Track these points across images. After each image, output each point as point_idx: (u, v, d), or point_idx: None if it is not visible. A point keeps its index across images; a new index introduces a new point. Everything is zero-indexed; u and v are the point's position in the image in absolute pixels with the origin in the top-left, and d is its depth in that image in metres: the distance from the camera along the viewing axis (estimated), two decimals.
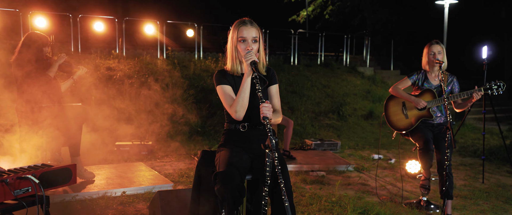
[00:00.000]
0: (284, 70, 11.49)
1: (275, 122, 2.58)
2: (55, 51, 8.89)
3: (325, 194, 4.46)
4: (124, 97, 7.85)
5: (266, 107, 2.23)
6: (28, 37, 4.38)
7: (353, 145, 7.66)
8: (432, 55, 4.03)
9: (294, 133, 8.21)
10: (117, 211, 3.78)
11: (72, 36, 10.44)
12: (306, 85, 10.88)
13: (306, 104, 9.87)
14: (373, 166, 6.05)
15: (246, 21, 2.52)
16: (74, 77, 4.76)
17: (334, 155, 6.51)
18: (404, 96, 4.09)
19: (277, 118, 2.58)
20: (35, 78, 4.27)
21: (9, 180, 1.75)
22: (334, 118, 9.58)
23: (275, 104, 2.64)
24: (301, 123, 8.78)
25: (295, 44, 13.56)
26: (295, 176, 5.26)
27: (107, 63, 9.17)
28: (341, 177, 5.38)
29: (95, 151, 6.02)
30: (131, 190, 4.25)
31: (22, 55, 4.30)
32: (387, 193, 4.72)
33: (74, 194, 4.04)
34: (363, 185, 5.02)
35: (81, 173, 4.47)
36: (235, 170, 2.31)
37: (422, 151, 3.89)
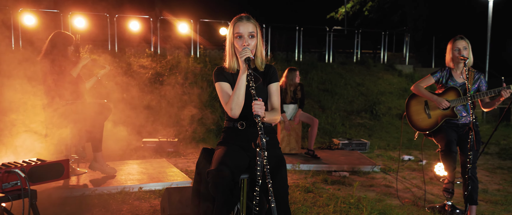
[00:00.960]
0: (317, 68, 11.31)
1: (271, 120, 2.51)
2: (92, 50, 9.24)
3: (344, 195, 4.33)
4: (154, 94, 8.01)
5: (258, 105, 2.17)
6: (54, 36, 4.53)
7: (383, 145, 7.41)
8: (456, 51, 3.79)
9: (323, 132, 8.07)
10: (132, 206, 3.84)
11: (109, 35, 10.80)
12: (339, 84, 10.67)
13: (338, 102, 9.67)
14: (402, 168, 5.83)
15: (242, 17, 2.48)
16: (98, 76, 4.88)
17: (361, 155, 6.32)
18: (426, 95, 3.89)
19: (274, 116, 2.51)
20: (59, 77, 4.41)
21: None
22: (366, 117, 9.32)
23: (273, 103, 2.57)
24: (331, 121, 8.61)
25: (330, 41, 13.32)
26: (316, 176, 5.15)
27: (140, 62, 9.41)
28: (365, 177, 5.21)
29: (122, 147, 6.18)
30: (148, 186, 4.32)
31: (48, 54, 4.46)
32: (411, 196, 4.52)
33: (94, 188, 4.16)
34: (386, 186, 4.83)
35: (103, 168, 4.59)
36: (226, 169, 2.27)
37: (443, 152, 3.68)
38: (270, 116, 2.46)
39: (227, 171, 2.26)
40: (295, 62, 12.10)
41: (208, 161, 2.59)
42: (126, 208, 3.78)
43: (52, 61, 4.43)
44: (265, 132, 2.56)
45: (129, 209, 3.77)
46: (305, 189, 4.50)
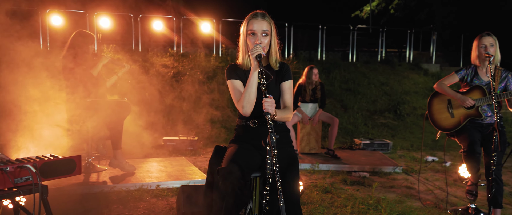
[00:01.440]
0: (340, 67, 11.16)
1: (283, 118, 2.46)
2: (116, 49, 9.40)
3: (363, 196, 4.24)
4: (175, 93, 8.07)
5: (268, 102, 2.14)
6: (76, 35, 4.62)
7: (407, 146, 7.24)
8: (483, 48, 3.65)
9: (345, 132, 7.96)
10: (149, 203, 3.87)
11: (133, 35, 10.97)
12: (362, 83, 10.50)
13: (361, 102, 9.51)
14: (425, 169, 5.68)
15: (257, 14, 2.44)
16: (118, 74, 4.95)
17: (383, 155, 6.19)
18: (450, 93, 3.76)
19: (286, 114, 2.46)
20: (80, 75, 4.50)
21: (9, 168, 1.83)
22: (390, 117, 9.13)
23: (286, 101, 2.53)
24: (353, 121, 8.48)
25: (354, 40, 13.13)
26: (336, 176, 5.06)
27: (162, 61, 9.51)
28: (386, 178, 5.09)
29: (144, 145, 6.25)
30: (166, 184, 4.34)
31: (70, 52, 4.55)
32: (433, 198, 4.38)
33: (112, 185, 4.22)
34: (408, 188, 4.71)
35: (122, 166, 4.65)
36: (236, 167, 2.24)
37: (466, 153, 3.55)
38: (282, 114, 2.42)
39: (236, 169, 2.23)
40: (318, 61, 11.99)
41: (220, 159, 2.58)
42: (143, 205, 3.82)
43: (73, 60, 4.51)
44: (278, 130, 2.55)
45: (146, 206, 3.80)
46: (323, 189, 4.43)
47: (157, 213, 3.64)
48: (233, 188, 2.20)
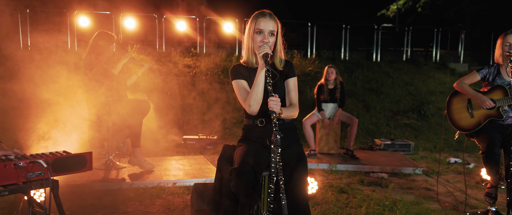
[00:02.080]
0: (363, 67, 11.02)
1: (289, 116, 2.46)
2: (140, 50, 9.59)
3: (379, 197, 4.19)
4: (197, 93, 8.17)
5: (273, 101, 2.15)
6: (97, 36, 4.75)
7: (430, 147, 7.09)
8: (507, 46, 3.53)
9: (367, 132, 7.87)
10: (165, 200, 3.95)
11: (157, 35, 11.17)
12: (386, 83, 10.34)
13: (384, 102, 9.37)
14: (447, 171, 5.55)
15: (265, 13, 2.46)
16: (138, 74, 5.06)
17: (403, 156, 6.08)
18: (470, 93, 3.66)
19: (292, 112, 2.46)
20: (102, 74, 4.62)
21: (22, 163, 1.91)
22: (413, 117, 8.95)
23: (291, 98, 2.53)
24: (375, 121, 8.36)
25: (378, 39, 12.94)
26: (353, 177, 5.02)
27: (185, 61, 9.64)
28: (405, 180, 5.01)
29: (164, 143, 6.37)
30: (183, 182, 4.41)
31: (91, 52, 4.68)
32: (453, 200, 4.28)
33: (131, 182, 4.31)
34: (426, 189, 4.62)
35: (141, 163, 4.74)
36: (248, 167, 2.26)
37: (485, 155, 3.45)
38: (288, 111, 2.42)
39: (249, 168, 2.25)
40: (341, 61, 11.88)
41: (229, 157, 2.60)
42: (159, 202, 3.89)
43: (94, 60, 4.64)
44: (285, 128, 2.55)
45: (162, 203, 3.87)
46: (339, 189, 4.40)
47: (172, 210, 3.71)
48: (247, 187, 2.22)
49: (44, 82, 5.02)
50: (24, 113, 4.68)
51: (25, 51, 9.18)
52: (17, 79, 5.10)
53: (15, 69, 5.47)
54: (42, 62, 5.21)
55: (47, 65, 5.20)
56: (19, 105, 5.04)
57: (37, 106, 4.72)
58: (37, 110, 4.69)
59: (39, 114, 4.61)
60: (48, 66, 5.18)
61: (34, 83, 5.01)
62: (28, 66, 5.16)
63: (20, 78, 5.01)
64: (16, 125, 4.74)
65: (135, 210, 3.65)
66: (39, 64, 5.19)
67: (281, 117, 2.31)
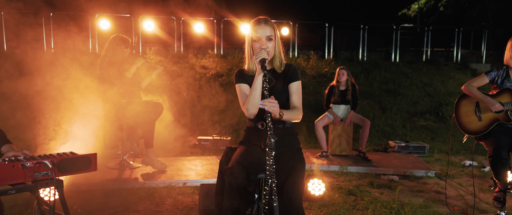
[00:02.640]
0: (380, 68, 10.93)
1: (292, 119, 2.49)
2: (158, 51, 9.78)
3: (387, 200, 4.18)
4: (212, 94, 8.29)
5: (271, 103, 2.21)
6: (112, 40, 4.90)
7: (446, 149, 6.99)
8: None
9: (382, 133, 7.82)
10: (175, 200, 4.05)
11: (176, 37, 11.36)
12: (403, 84, 10.22)
13: (401, 103, 9.27)
14: (461, 174, 5.48)
15: (260, 20, 2.52)
16: (152, 76, 5.19)
17: (417, 159, 6.03)
18: (478, 96, 3.63)
19: (295, 115, 2.49)
20: (116, 77, 4.77)
21: (29, 164, 2.03)
22: (431, 119, 8.83)
23: (294, 102, 2.58)
24: (391, 123, 8.30)
25: (397, 40, 12.80)
26: (363, 179, 5.02)
27: (202, 62, 9.78)
28: (416, 182, 4.98)
29: (179, 144, 6.50)
30: (192, 182, 4.51)
31: (107, 56, 4.84)
32: (463, 203, 4.24)
33: (143, 181, 4.44)
34: (437, 193, 4.58)
35: (154, 163, 4.87)
36: (241, 167, 2.33)
37: (492, 158, 3.41)
38: (289, 114, 2.45)
39: (241, 169, 2.32)
40: (358, 61, 11.81)
41: (230, 159, 2.68)
42: (169, 202, 4.00)
43: (110, 63, 4.80)
44: (285, 132, 2.61)
45: (171, 202, 3.98)
46: (348, 191, 4.42)
47: (181, 209, 3.81)
48: (238, 187, 2.29)
49: (64, 84, 5.21)
50: (43, 113, 4.87)
51: (49, 53, 9.51)
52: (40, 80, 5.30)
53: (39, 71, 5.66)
54: (64, 64, 5.41)
55: (69, 67, 5.40)
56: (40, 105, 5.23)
57: (56, 107, 4.90)
58: (56, 110, 4.87)
59: (57, 115, 4.79)
60: (70, 68, 5.37)
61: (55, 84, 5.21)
62: (51, 68, 5.36)
63: (42, 80, 5.21)
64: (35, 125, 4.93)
65: (145, 209, 3.77)
66: (61, 66, 5.38)
67: (282, 119, 2.36)
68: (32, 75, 5.40)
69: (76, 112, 5.02)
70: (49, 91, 5.06)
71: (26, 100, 5.66)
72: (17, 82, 5.52)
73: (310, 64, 10.51)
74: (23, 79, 5.40)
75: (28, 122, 5.38)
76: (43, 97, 5.02)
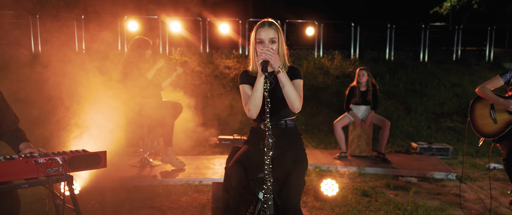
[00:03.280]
0: (406, 68, 10.74)
1: (288, 87, 2.41)
2: (183, 52, 9.98)
3: (402, 202, 4.15)
4: (234, 94, 8.40)
5: (269, 51, 2.30)
6: (134, 42, 5.06)
7: (471, 152, 6.81)
8: None
9: (406, 135, 7.71)
10: (190, 198, 4.17)
11: (201, 38, 11.55)
12: (431, 84, 10.00)
13: (427, 104, 9.08)
14: (484, 176, 5.34)
15: (264, 23, 2.57)
16: (172, 77, 5.34)
17: (439, 161, 5.92)
18: (492, 98, 3.55)
19: (295, 91, 2.43)
20: (137, 78, 4.93)
21: (41, 160, 2.18)
22: (458, 120, 8.61)
23: None
24: (415, 124, 8.15)
25: (426, 39, 12.51)
26: (380, 180, 4.98)
27: (226, 63, 9.91)
28: (435, 185, 4.90)
29: (200, 143, 6.64)
30: (209, 180, 4.62)
31: (129, 57, 5.01)
32: (481, 207, 4.15)
33: (161, 179, 4.59)
34: (456, 196, 4.49)
35: (173, 162, 5.01)
36: (240, 166, 2.40)
37: (506, 161, 3.34)
38: (289, 82, 2.39)
39: (240, 168, 2.39)
40: (385, 61, 11.64)
41: None
42: (184, 199, 4.12)
43: (131, 64, 4.96)
44: (289, 132, 2.66)
45: (187, 200, 4.10)
46: (363, 192, 4.41)
47: (195, 206, 3.92)
48: (236, 186, 2.36)
49: (92, 84, 5.45)
50: (69, 113, 5.10)
51: (80, 54, 9.90)
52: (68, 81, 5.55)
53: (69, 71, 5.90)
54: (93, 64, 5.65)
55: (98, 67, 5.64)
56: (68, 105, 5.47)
57: (83, 107, 5.13)
58: (82, 110, 5.10)
59: (83, 114, 5.01)
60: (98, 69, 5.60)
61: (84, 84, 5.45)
62: (81, 68, 5.61)
63: (72, 80, 5.45)
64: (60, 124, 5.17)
65: (160, 205, 3.90)
66: (91, 67, 5.62)
67: (280, 78, 2.36)
68: (63, 76, 5.66)
69: (100, 111, 5.24)
70: (77, 91, 5.29)
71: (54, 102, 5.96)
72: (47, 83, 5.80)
73: (334, 64, 10.45)
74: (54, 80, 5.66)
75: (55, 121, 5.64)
76: (71, 97, 5.26)
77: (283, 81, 2.39)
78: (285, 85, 2.41)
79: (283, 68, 2.37)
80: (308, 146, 6.76)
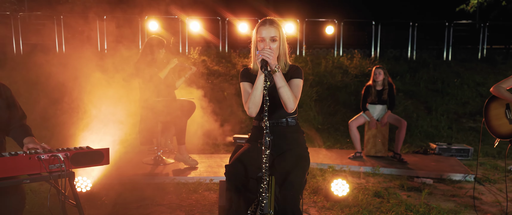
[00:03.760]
0: (428, 66, 10.50)
1: (284, 90, 2.38)
2: (202, 51, 10.05)
3: (415, 203, 4.06)
4: None
5: (267, 51, 2.27)
6: (148, 41, 5.13)
7: (493, 153, 6.60)
8: None
9: (425, 135, 7.55)
10: (201, 195, 4.19)
11: (221, 37, 11.61)
12: (453, 83, 9.75)
13: (449, 104, 8.86)
14: (504, 178, 5.16)
15: (265, 21, 2.56)
16: (186, 76, 5.38)
17: (457, 162, 5.76)
18: (507, 97, 3.43)
19: (289, 91, 2.40)
20: (151, 77, 4.99)
21: (44, 156, 2.23)
22: (480, 121, 8.34)
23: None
24: (435, 124, 7.96)
25: (450, 37, 12.20)
26: (394, 181, 4.88)
27: (244, 61, 9.93)
28: (451, 186, 4.77)
29: (215, 142, 6.67)
30: (220, 179, 4.61)
31: (143, 56, 5.08)
32: (498, 210, 4.01)
33: (173, 177, 4.63)
34: (472, 198, 4.36)
35: (186, 160, 5.05)
36: (240, 165, 2.39)
37: None
38: (285, 83, 2.37)
39: (239, 167, 2.38)
40: (405, 60, 11.41)
41: None
42: (194, 197, 4.14)
43: (145, 64, 5.03)
44: (290, 130, 2.64)
45: (197, 198, 4.12)
46: (375, 193, 4.33)
47: (204, 204, 3.94)
48: (236, 184, 2.36)
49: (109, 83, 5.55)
50: (86, 109, 5.21)
51: (102, 53, 10.11)
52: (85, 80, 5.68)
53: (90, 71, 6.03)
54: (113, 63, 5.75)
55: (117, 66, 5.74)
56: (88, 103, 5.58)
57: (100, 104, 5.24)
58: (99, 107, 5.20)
59: (97, 111, 5.11)
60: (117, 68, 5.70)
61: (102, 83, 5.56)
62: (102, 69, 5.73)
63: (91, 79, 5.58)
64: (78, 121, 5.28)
65: (170, 203, 3.94)
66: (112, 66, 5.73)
67: (275, 77, 2.33)
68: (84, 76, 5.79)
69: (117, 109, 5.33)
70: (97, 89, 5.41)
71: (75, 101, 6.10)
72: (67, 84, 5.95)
73: (354, 63, 10.32)
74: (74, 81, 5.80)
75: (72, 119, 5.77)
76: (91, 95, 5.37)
77: (277, 82, 2.37)
78: (279, 86, 2.39)
79: (279, 68, 2.34)
80: (323, 146, 6.70)
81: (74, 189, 2.32)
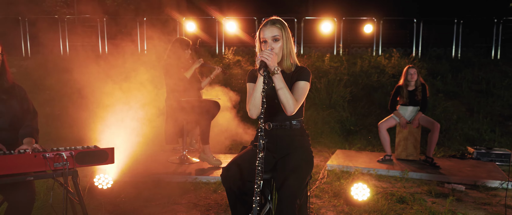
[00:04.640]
0: (473, 66, 9.96)
1: (284, 92, 2.33)
2: (237, 51, 10.11)
3: (441, 210, 3.85)
4: None
5: (266, 52, 2.22)
6: (174, 42, 5.22)
7: None
8: None
9: (465, 138, 7.17)
10: (219, 195, 4.21)
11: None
12: (500, 83, 9.20)
13: (493, 105, 8.36)
14: None
15: (268, 21, 2.52)
16: (211, 76, 5.43)
17: (496, 167, 5.42)
18: None
19: (289, 94, 2.34)
20: (177, 77, 5.08)
21: (49, 155, 2.32)
22: None
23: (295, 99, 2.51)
24: (477, 127, 7.53)
25: (499, 34, 11.52)
26: (423, 186, 4.67)
27: None
28: (485, 194, 4.49)
29: (242, 142, 6.68)
30: None
31: (169, 57, 5.17)
32: None
33: (195, 176, 4.68)
34: (505, 206, 4.08)
35: (209, 159, 5.09)
36: (235, 167, 2.37)
37: None
38: (285, 87, 2.31)
39: (235, 169, 2.36)
40: (448, 59, 10.89)
41: None
42: (213, 197, 4.17)
43: (172, 64, 5.12)
44: (293, 133, 2.58)
45: (215, 197, 4.15)
46: (399, 198, 4.16)
47: (221, 205, 3.95)
48: (231, 187, 2.34)
49: (144, 83, 5.71)
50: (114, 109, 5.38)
51: (142, 54, 10.43)
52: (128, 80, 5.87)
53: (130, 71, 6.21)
54: (149, 64, 5.92)
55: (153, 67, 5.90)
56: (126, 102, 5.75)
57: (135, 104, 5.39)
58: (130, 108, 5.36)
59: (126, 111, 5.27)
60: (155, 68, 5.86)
61: (135, 84, 5.73)
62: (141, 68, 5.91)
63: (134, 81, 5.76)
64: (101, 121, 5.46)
65: (188, 202, 3.98)
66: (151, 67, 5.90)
67: (274, 80, 2.28)
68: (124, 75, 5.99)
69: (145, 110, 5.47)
70: (134, 89, 5.57)
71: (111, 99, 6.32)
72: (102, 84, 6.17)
73: (392, 63, 9.98)
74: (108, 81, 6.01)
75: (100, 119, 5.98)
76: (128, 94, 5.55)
77: (277, 84, 2.32)
78: (278, 87, 2.33)
79: (278, 70, 2.29)
80: (353, 148, 6.53)
81: (77, 187, 2.39)
